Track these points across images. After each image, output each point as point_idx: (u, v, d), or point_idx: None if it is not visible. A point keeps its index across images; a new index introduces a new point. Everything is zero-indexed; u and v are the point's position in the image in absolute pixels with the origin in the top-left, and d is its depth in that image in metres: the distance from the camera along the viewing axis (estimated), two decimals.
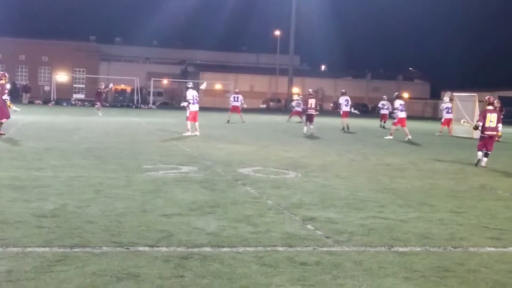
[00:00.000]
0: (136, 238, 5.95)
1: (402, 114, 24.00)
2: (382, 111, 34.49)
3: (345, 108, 29.77)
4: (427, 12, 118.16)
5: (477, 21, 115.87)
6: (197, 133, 20.97)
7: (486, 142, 14.92)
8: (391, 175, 12.21)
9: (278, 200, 8.53)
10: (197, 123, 21.39)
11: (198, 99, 21.84)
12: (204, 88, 26.89)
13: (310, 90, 26.68)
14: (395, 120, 24.44)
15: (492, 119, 14.86)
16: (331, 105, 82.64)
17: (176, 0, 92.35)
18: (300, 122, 33.95)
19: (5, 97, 18.31)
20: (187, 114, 21.33)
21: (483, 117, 15.01)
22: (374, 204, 8.53)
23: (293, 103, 38.82)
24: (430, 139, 25.47)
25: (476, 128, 15.46)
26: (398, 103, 24.50)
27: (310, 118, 24.77)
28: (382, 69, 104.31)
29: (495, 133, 15.13)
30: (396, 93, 27.31)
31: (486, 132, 14.90)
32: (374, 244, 6.20)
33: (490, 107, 15.17)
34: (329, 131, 28.15)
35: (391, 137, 23.57)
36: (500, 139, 15.77)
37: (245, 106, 35.75)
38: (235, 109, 34.24)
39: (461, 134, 27.82)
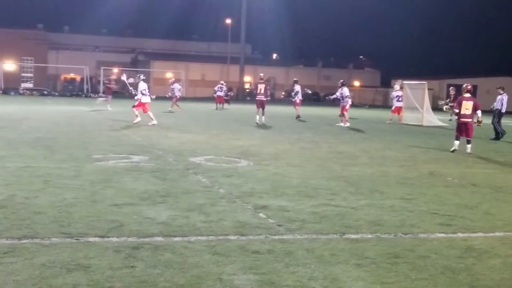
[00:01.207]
0: (86, 229, 5.87)
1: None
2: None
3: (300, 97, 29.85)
4: (378, 1, 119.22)
5: (427, 10, 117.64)
6: (155, 122, 20.90)
7: (462, 129, 15.16)
8: (342, 163, 12.32)
9: (230, 188, 8.52)
10: (150, 113, 21.28)
11: (147, 92, 21.84)
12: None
13: (261, 74, 26.61)
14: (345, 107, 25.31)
15: (467, 106, 15.10)
16: (283, 93, 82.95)
17: None
18: (221, 109, 34.92)
19: None
20: (136, 104, 21.54)
21: (458, 104, 15.26)
22: (325, 192, 8.59)
23: (215, 88, 39.30)
24: (381, 127, 25.80)
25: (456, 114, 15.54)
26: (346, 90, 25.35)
27: (261, 105, 24.34)
28: (333, 58, 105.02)
29: (470, 120, 15.29)
30: (342, 81, 27.36)
31: (461, 119, 15.16)
32: (326, 231, 6.25)
33: (467, 95, 15.38)
34: (280, 120, 28.23)
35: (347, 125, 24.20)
36: (481, 125, 15.99)
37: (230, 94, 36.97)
38: (219, 99, 35.53)
39: (411, 121, 28.28)
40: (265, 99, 24.63)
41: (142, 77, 22.47)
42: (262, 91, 24.58)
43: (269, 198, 7.95)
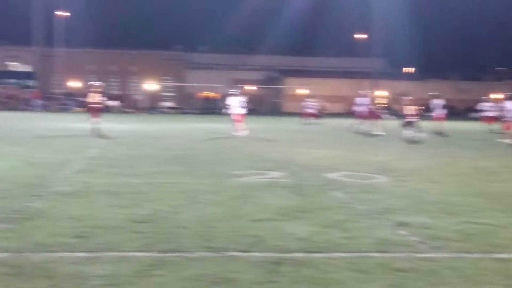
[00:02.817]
0: (229, 243, 6.02)
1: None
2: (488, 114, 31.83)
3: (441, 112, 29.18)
4: None
5: None
6: (247, 132, 23.45)
7: None
8: (484, 178, 11.85)
9: (369, 205, 8.43)
10: (242, 124, 23.91)
11: (243, 104, 24.63)
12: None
13: (405, 96, 26.22)
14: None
15: None
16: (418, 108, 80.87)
17: (258, 7, 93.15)
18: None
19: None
20: (232, 117, 24.38)
21: None
22: (468, 209, 8.29)
23: (306, 104, 39.47)
24: None
25: None
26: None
27: (411, 124, 24.05)
28: (470, 70, 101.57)
29: None
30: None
31: None
32: (471, 250, 6.02)
33: None
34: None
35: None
36: None
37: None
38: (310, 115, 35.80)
39: None
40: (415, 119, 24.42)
41: (233, 92, 25.49)
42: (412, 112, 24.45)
43: (409, 214, 7.79)
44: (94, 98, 24.55)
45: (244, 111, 24.73)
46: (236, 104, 24.44)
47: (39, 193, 8.73)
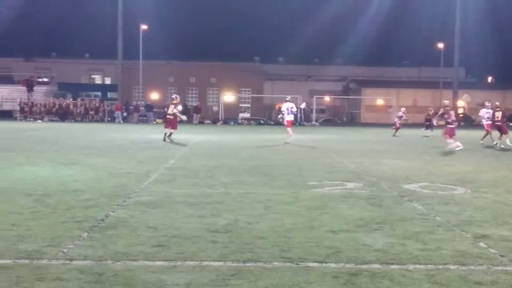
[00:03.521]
0: (305, 254, 6.05)
1: None
2: None
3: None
4: None
5: None
6: (291, 139, 25.54)
7: None
8: None
9: (447, 216, 8.30)
10: (289, 129, 26.14)
11: (293, 110, 26.87)
12: (303, 107, 32.11)
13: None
14: None
15: None
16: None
17: (334, 17, 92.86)
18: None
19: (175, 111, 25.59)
20: (285, 123, 26.73)
21: None
22: None
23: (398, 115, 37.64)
24: None
25: None
26: None
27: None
28: None
29: None
30: None
31: None
32: None
33: None
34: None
35: None
36: None
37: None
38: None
39: None
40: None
41: (287, 98, 27.52)
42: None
43: (489, 227, 7.62)
44: (172, 109, 26.30)
45: (292, 118, 27.12)
46: (285, 110, 26.63)
47: (120, 203, 9.00)
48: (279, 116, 28.41)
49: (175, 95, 28.01)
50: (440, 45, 79.16)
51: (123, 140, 26.64)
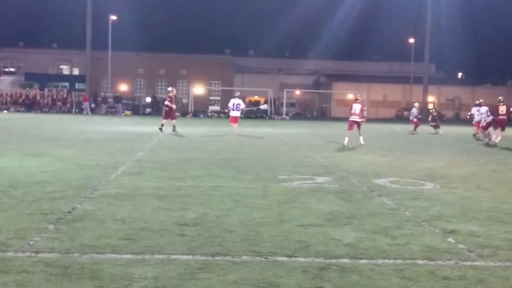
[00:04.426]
0: (274, 248, 6.01)
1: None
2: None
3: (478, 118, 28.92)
4: None
5: None
6: (237, 132, 26.91)
7: None
8: None
9: (416, 211, 8.33)
10: (236, 125, 27.76)
11: (239, 107, 28.09)
12: (264, 108, 33.67)
13: (358, 94, 24.80)
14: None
15: None
16: (469, 114, 79.81)
17: (306, 10, 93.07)
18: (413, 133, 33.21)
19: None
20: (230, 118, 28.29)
21: None
22: None
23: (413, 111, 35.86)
24: None
25: None
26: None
27: (356, 125, 22.25)
28: None
29: None
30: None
31: None
32: None
33: None
34: (467, 141, 27.26)
35: None
36: None
37: None
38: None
39: None
40: (360, 120, 22.31)
41: (236, 94, 29.69)
42: (358, 112, 22.34)
43: (458, 222, 7.66)
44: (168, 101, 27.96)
45: (238, 113, 28.43)
46: (231, 106, 28.16)
47: (87, 195, 8.88)
48: (227, 111, 29.76)
49: (170, 87, 30.74)
50: (411, 41, 79.83)
51: (91, 131, 26.39)
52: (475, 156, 18.44)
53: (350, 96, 78.32)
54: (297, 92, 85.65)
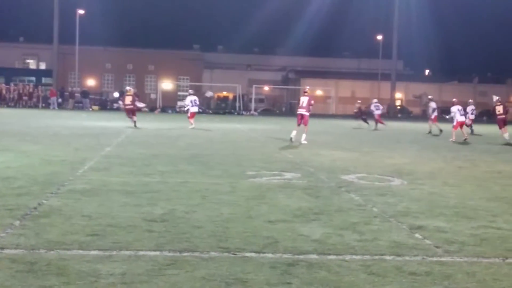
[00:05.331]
0: (243, 244, 6.01)
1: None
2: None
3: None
4: None
5: None
6: (194, 126, 28.02)
7: None
8: (502, 183, 11.74)
9: (384, 207, 8.39)
10: (192, 120, 28.68)
11: (197, 102, 29.83)
12: (209, 96, 32.89)
13: (306, 87, 24.10)
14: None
15: None
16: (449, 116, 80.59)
17: (276, 7, 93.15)
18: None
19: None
20: (188, 114, 29.23)
21: None
22: (485, 213, 8.21)
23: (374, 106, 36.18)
24: None
25: None
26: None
27: (302, 119, 21.23)
28: (490, 73, 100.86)
29: None
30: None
31: None
32: (487, 255, 5.96)
33: None
34: (433, 138, 27.55)
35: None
36: None
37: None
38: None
39: None
40: (307, 113, 21.38)
41: (190, 92, 30.90)
42: (305, 105, 21.32)
43: (425, 218, 7.73)
44: (127, 100, 28.81)
45: (196, 109, 29.90)
46: (189, 103, 29.29)
47: (54, 191, 8.77)
48: (184, 108, 31.53)
49: (128, 87, 32.34)
50: (379, 37, 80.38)
51: (58, 126, 26.09)
52: (442, 153, 18.64)
53: (319, 92, 78.82)
54: (266, 88, 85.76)
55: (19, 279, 4.68)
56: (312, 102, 21.93)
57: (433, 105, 30.83)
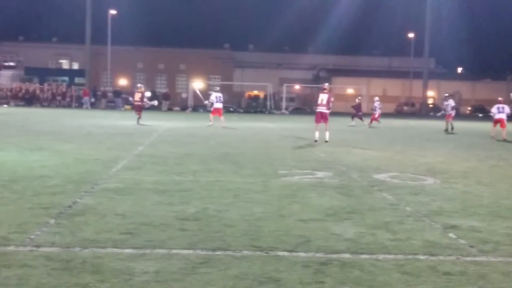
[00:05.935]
0: (275, 243, 6.01)
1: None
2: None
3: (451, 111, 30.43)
4: None
5: None
6: (225, 125, 27.91)
7: None
8: None
9: (417, 207, 8.32)
10: (222, 117, 28.76)
11: (221, 99, 29.50)
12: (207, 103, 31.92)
13: (325, 84, 22.76)
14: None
15: None
16: (469, 109, 79.88)
17: (306, 5, 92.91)
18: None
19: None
20: (211, 110, 29.31)
21: None
22: None
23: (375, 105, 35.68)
24: None
25: None
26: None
27: (322, 118, 20.69)
28: None
29: None
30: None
31: None
32: None
33: None
34: (468, 136, 27.26)
35: None
36: None
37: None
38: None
39: None
40: (327, 111, 20.85)
41: (216, 89, 30.79)
42: (325, 102, 20.79)
43: (459, 217, 7.66)
44: (136, 97, 30.68)
45: (221, 105, 29.37)
46: (214, 99, 29.14)
47: (88, 190, 8.87)
48: (208, 104, 30.97)
49: (139, 84, 33.29)
50: (411, 35, 79.69)
51: (91, 126, 26.36)
52: (475, 151, 18.43)
53: (350, 91, 78.43)
54: (297, 86, 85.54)
55: (54, 277, 4.74)
56: (332, 99, 21.35)
57: (451, 103, 30.77)
